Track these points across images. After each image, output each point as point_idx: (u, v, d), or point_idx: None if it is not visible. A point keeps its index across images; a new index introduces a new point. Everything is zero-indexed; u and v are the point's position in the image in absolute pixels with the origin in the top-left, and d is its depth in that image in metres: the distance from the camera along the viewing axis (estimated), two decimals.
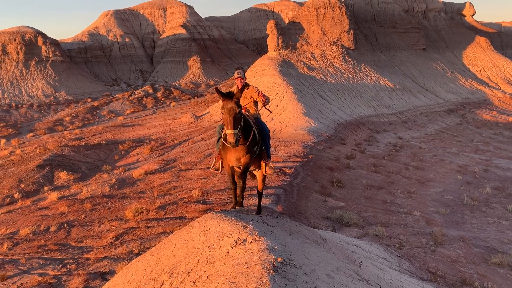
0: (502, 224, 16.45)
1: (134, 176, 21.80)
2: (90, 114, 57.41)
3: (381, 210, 17.24)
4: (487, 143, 36.87)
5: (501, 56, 70.23)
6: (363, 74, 52.06)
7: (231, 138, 5.71)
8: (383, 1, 64.34)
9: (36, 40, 79.52)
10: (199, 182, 18.76)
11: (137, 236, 13.24)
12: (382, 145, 34.21)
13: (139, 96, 68.39)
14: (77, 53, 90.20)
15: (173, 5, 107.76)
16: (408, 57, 62.24)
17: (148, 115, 54.20)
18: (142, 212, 15.31)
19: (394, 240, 13.05)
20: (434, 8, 73.55)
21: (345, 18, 55.46)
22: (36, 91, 72.51)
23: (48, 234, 14.43)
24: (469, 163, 28.80)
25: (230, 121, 5.72)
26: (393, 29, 63.57)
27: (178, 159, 25.24)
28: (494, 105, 56.14)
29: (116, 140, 34.41)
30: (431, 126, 44.56)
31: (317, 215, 15.27)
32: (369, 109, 45.38)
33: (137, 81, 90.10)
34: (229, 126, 5.74)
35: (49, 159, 25.87)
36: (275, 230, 5.03)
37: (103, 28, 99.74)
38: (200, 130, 36.44)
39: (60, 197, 19.28)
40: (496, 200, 20.11)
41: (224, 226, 5.01)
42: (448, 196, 20.40)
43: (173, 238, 5.85)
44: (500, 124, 46.14)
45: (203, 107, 53.76)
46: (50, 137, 41.30)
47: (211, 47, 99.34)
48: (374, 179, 22.53)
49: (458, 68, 65.54)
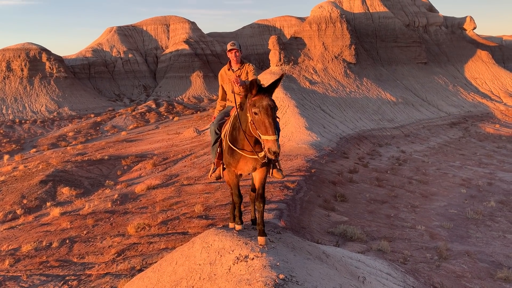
0: (507, 238, 16.28)
1: (136, 191, 21.77)
2: (93, 130, 57.63)
3: (385, 225, 17.11)
4: (490, 156, 36.72)
5: (503, 70, 70.41)
6: (365, 88, 52.21)
7: (274, 146, 4.25)
8: (384, 16, 64.86)
9: (40, 57, 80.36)
10: (202, 197, 18.70)
11: (139, 252, 13.16)
12: (385, 159, 34.12)
13: (142, 111, 68.72)
14: (81, 69, 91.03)
15: (176, 21, 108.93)
16: (410, 71, 62.46)
17: (150, 130, 54.38)
18: (144, 227, 15.24)
19: (398, 255, 12.92)
20: (435, 22, 74.06)
21: (347, 33, 55.87)
22: (39, 107, 72.99)
23: (50, 250, 14.35)
24: (472, 176, 28.64)
25: (270, 124, 4.32)
26: (395, 43, 63.95)
27: (181, 174, 25.21)
28: (496, 118, 56.08)
29: (119, 155, 34.46)
30: (434, 139, 44.46)
31: (320, 230, 15.15)
32: (372, 123, 45.39)
33: (140, 96, 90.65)
34: (269, 130, 4.31)
35: (51, 175, 25.89)
36: (277, 246, 4.99)
37: (106, 44, 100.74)
38: (202, 145, 36.47)
39: (62, 212, 19.24)
40: (500, 214, 19.94)
41: (225, 242, 4.97)
42: (452, 210, 20.25)
43: (174, 254, 5.81)
44: (503, 137, 46.01)
45: (205, 121, 53.91)
46: (53, 152, 41.41)
47: (214, 62, 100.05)
48: (377, 193, 22.41)
49: (460, 82, 65.68)
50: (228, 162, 5.17)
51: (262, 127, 4.34)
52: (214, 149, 5.79)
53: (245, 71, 5.96)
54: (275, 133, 4.29)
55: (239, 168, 5.10)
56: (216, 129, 5.68)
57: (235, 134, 4.94)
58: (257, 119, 4.37)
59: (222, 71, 6.10)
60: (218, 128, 5.67)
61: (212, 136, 5.77)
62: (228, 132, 5.11)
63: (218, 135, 5.64)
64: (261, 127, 4.35)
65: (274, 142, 4.25)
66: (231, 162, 5.08)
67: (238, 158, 4.97)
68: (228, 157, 5.10)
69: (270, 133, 4.27)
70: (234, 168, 5.13)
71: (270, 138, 4.26)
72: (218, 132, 5.65)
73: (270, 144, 4.26)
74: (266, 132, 4.30)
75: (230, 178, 5.41)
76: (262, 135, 4.33)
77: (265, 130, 4.32)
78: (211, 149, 5.86)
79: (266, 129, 4.31)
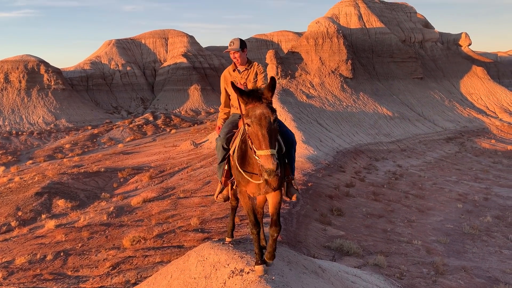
0: (504, 253, 16.26)
1: (132, 204, 21.67)
2: (90, 142, 57.54)
3: (381, 239, 17.06)
4: (486, 171, 36.83)
5: (498, 85, 71.05)
6: (362, 102, 52.51)
7: (268, 163, 3.50)
8: (380, 31, 65.58)
9: (39, 69, 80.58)
10: (198, 210, 18.63)
11: (134, 265, 13.06)
12: (382, 173, 34.16)
13: (139, 123, 68.76)
14: (79, 81, 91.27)
15: (175, 35, 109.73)
16: (406, 86, 62.93)
17: (147, 142, 54.34)
18: (140, 240, 15.14)
19: (394, 270, 12.87)
20: (430, 38, 74.90)
21: (343, 48, 56.40)
22: (37, 118, 72.94)
23: (44, 263, 14.22)
24: (469, 191, 28.69)
25: (263, 136, 3.59)
26: (391, 58, 64.54)
27: (177, 187, 25.15)
28: (492, 133, 56.39)
29: (115, 168, 34.37)
30: (430, 154, 44.61)
31: (316, 244, 15.10)
32: (368, 137, 45.55)
33: (137, 108, 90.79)
34: (262, 144, 3.58)
35: (47, 187, 25.77)
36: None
37: (105, 57, 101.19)
38: (199, 158, 36.44)
39: (57, 225, 19.11)
40: (497, 229, 19.93)
41: (221, 256, 4.96)
42: (448, 224, 20.24)
43: (169, 267, 5.78)
44: (499, 153, 46.21)
45: (203, 134, 53.96)
46: (49, 164, 41.26)
47: (212, 75, 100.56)
48: (374, 208, 22.39)
49: (455, 97, 66.18)
50: (238, 181, 4.40)
51: (256, 141, 3.62)
52: (220, 167, 4.97)
53: (253, 73, 5.13)
54: (270, 146, 3.54)
55: (249, 189, 4.33)
56: (224, 144, 4.79)
57: (244, 148, 4.16)
58: (250, 131, 3.67)
59: (226, 72, 5.28)
60: (226, 143, 4.78)
61: (219, 153, 4.87)
62: (237, 147, 4.31)
63: (227, 150, 4.77)
64: (254, 141, 3.64)
65: (268, 158, 3.49)
66: (241, 181, 4.31)
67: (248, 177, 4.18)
68: (237, 174, 4.32)
69: (263, 147, 3.54)
70: (245, 187, 4.34)
71: (263, 153, 3.53)
72: (226, 147, 4.77)
73: (263, 160, 3.53)
74: (260, 146, 3.57)
75: (242, 199, 4.54)
76: (256, 151, 3.61)
77: (259, 144, 3.58)
78: (217, 167, 5.02)
79: (260, 142, 3.57)
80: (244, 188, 4.34)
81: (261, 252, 4.48)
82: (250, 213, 4.50)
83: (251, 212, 4.50)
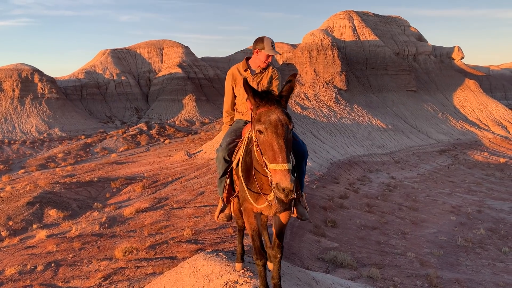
0: (497, 266, 16.26)
1: (125, 214, 21.49)
2: (83, 151, 57.23)
3: (375, 251, 17.02)
4: (479, 184, 37.01)
5: (490, 99, 71.81)
6: (356, 114, 52.79)
7: (285, 180, 2.87)
8: (374, 44, 66.23)
9: (33, 77, 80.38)
10: (191, 221, 18.51)
11: (126, 276, 12.90)
12: (375, 184, 34.22)
13: (133, 133, 68.57)
14: (73, 90, 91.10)
15: (170, 45, 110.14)
16: (400, 98, 63.42)
17: (141, 152, 54.13)
18: (132, 251, 14.99)
19: (388, 282, 12.82)
20: (424, 51, 75.75)
21: (338, 60, 56.84)
22: (30, 127, 72.54)
23: (34, 274, 14.02)
24: (462, 203, 28.78)
25: (280, 147, 2.96)
26: (385, 71, 65.11)
27: (170, 197, 25.01)
28: (485, 146, 56.81)
29: (108, 177, 34.14)
30: (423, 166, 44.79)
31: (310, 256, 15.02)
32: (362, 148, 45.70)
33: (131, 118, 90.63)
34: (277, 156, 2.94)
35: (39, 196, 25.52)
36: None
37: (99, 67, 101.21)
38: (193, 168, 36.32)
39: (48, 235, 18.89)
40: (490, 241, 19.97)
41: (214, 267, 4.92)
42: (442, 237, 20.24)
43: (162, 279, 5.71)
44: (491, 165, 46.50)
45: (197, 144, 53.87)
46: (41, 173, 40.93)
47: (206, 86, 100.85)
48: (367, 219, 22.38)
49: (449, 110, 66.74)
50: (243, 197, 3.71)
51: (269, 152, 2.98)
52: (221, 182, 4.32)
53: (267, 77, 4.51)
54: (287, 160, 2.92)
55: (257, 208, 3.66)
56: (226, 156, 4.14)
57: (248, 161, 3.57)
58: (263, 140, 3.03)
59: (235, 69, 4.60)
60: (228, 154, 4.14)
61: (220, 166, 4.22)
62: (241, 159, 3.70)
63: (229, 163, 4.16)
64: (267, 152, 2.99)
65: (285, 174, 2.87)
66: (247, 197, 3.62)
67: (256, 194, 3.53)
68: (243, 189, 3.65)
69: (279, 160, 2.92)
70: (251, 205, 3.64)
71: (279, 167, 2.91)
72: (228, 159, 4.15)
73: (278, 176, 2.90)
74: (274, 159, 2.94)
75: (246, 219, 3.78)
76: (269, 164, 2.97)
77: (273, 156, 2.95)
78: (218, 181, 4.37)
79: (274, 154, 2.95)
80: (250, 205, 3.65)
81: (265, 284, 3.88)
82: (256, 237, 3.75)
83: (257, 237, 3.75)
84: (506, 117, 67.21)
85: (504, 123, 65.13)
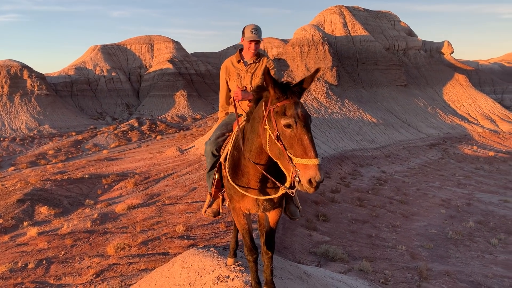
0: (486, 258, 16.51)
1: (116, 211, 21.44)
2: (74, 148, 56.83)
3: (366, 245, 17.19)
4: (468, 177, 37.43)
5: (479, 93, 72.47)
6: (347, 109, 53.01)
7: (319, 176, 2.78)
8: (365, 39, 66.41)
9: (22, 74, 79.46)
10: (183, 217, 18.53)
11: (118, 272, 12.91)
12: (366, 179, 34.45)
13: (124, 129, 68.19)
14: (63, 86, 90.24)
15: (161, 41, 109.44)
16: (390, 93, 63.75)
17: (132, 148, 53.89)
18: (124, 248, 14.99)
19: (379, 275, 12.97)
20: (414, 46, 76.13)
21: (328, 55, 56.95)
22: (19, 124, 71.80)
23: (25, 271, 13.96)
24: (452, 197, 29.10)
25: (310, 141, 2.89)
26: (375, 66, 65.37)
27: (162, 193, 24.98)
28: (474, 140, 57.40)
29: (100, 174, 33.98)
30: (413, 160, 45.16)
31: (302, 250, 15.14)
32: (353, 143, 45.94)
33: (122, 114, 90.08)
34: (309, 151, 2.84)
35: (30, 194, 25.34)
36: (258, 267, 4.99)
37: (90, 63, 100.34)
38: (185, 164, 36.27)
39: (40, 232, 18.79)
40: (479, 234, 20.25)
41: (206, 262, 4.96)
42: (432, 230, 20.48)
43: (154, 275, 5.75)
44: (480, 159, 47.02)
45: (188, 140, 53.75)
46: (32, 171, 40.60)
47: (198, 81, 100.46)
48: (359, 213, 22.56)
49: (438, 104, 67.25)
50: (230, 195, 3.66)
51: (298, 147, 2.86)
52: (210, 176, 4.21)
53: (261, 67, 4.31)
54: (317, 154, 2.85)
55: (244, 205, 3.61)
56: (214, 150, 4.08)
57: (236, 156, 3.52)
58: (290, 134, 2.90)
59: (228, 62, 4.47)
60: (216, 148, 4.08)
61: (208, 159, 4.16)
62: (229, 154, 3.65)
63: (217, 157, 4.07)
64: (295, 147, 2.87)
65: (318, 169, 2.77)
66: (234, 195, 3.58)
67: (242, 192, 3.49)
68: (230, 186, 3.61)
69: (311, 155, 2.81)
70: (239, 204, 3.63)
71: (311, 162, 2.78)
72: (216, 153, 4.07)
73: (312, 171, 2.77)
74: (305, 154, 2.83)
75: (235, 218, 3.80)
76: (296, 158, 2.84)
77: (303, 151, 2.84)
78: (207, 176, 4.29)
79: (305, 149, 2.84)
80: (237, 204, 3.63)
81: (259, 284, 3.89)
82: (246, 235, 3.77)
83: (247, 234, 3.77)
84: (494, 111, 67.91)
85: (493, 117, 65.82)
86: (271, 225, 3.77)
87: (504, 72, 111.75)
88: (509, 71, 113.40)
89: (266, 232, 3.80)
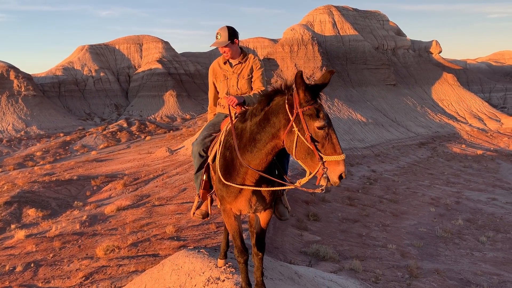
0: (475, 256, 16.66)
1: (106, 213, 21.24)
2: (62, 149, 56.23)
3: (357, 244, 17.24)
4: (457, 176, 37.79)
5: (467, 92, 73.26)
6: (336, 108, 53.20)
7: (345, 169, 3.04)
8: (354, 39, 66.73)
9: (8, 74, 78.41)
10: (173, 218, 18.41)
11: (108, 275, 12.77)
12: (356, 178, 34.60)
13: (113, 130, 67.65)
14: (50, 87, 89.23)
15: (149, 41, 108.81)
16: (379, 92, 64.14)
17: (122, 149, 53.49)
18: (114, 250, 14.84)
19: (370, 274, 13.01)
20: (403, 45, 76.70)
21: (318, 55, 57.10)
22: (6, 125, 70.84)
23: (13, 275, 13.75)
24: (441, 195, 29.34)
25: (337, 139, 3.08)
26: (364, 65, 65.71)
27: (152, 194, 24.81)
28: (463, 138, 57.99)
29: (88, 176, 33.66)
30: (403, 159, 45.48)
31: (293, 250, 15.12)
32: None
33: (111, 115, 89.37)
34: (337, 148, 3.02)
35: (17, 196, 25.00)
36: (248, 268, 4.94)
37: (77, 63, 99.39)
38: (175, 164, 36.09)
39: (27, 235, 18.54)
40: (468, 232, 20.44)
41: (196, 264, 4.90)
42: (422, 228, 20.61)
43: (144, 277, 5.67)
44: (469, 157, 47.52)
45: (178, 141, 53.50)
46: (19, 172, 40.07)
47: (187, 81, 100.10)
48: (349, 212, 22.62)
49: (427, 103, 67.83)
50: (221, 196, 3.66)
51: (329, 145, 3.02)
52: (198, 177, 4.17)
53: (248, 67, 4.29)
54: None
55: (236, 206, 3.62)
56: (201, 151, 4.06)
57: (229, 156, 3.53)
58: (322, 135, 3.02)
59: (215, 64, 4.45)
60: (204, 149, 4.06)
61: (196, 160, 4.12)
62: (219, 155, 3.64)
63: (204, 158, 4.05)
64: (326, 146, 3.01)
65: (344, 163, 3.00)
66: (225, 196, 3.59)
67: (235, 191, 3.52)
68: (221, 187, 3.60)
69: (340, 151, 3.01)
70: (230, 204, 3.65)
71: (341, 158, 2.98)
72: (204, 154, 4.05)
73: (341, 166, 2.98)
74: (334, 151, 3.00)
75: (226, 219, 3.81)
76: (327, 156, 2.99)
77: (333, 149, 3.00)
78: (194, 177, 4.24)
79: (334, 146, 3.01)
80: (228, 205, 3.65)
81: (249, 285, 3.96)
82: (236, 236, 3.80)
83: (238, 236, 3.80)
84: (482, 109, 68.70)
85: (481, 116, 66.58)
86: (262, 226, 3.81)
87: (491, 71, 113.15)
88: (496, 70, 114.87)
89: (256, 233, 3.83)
